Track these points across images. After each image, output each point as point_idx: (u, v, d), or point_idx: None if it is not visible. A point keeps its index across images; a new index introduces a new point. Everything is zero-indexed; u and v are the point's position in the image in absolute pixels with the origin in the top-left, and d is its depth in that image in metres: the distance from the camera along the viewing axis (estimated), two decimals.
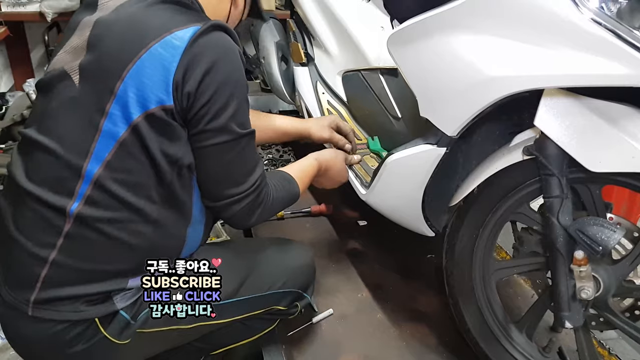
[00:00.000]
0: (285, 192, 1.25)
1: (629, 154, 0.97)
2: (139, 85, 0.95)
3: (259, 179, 1.12)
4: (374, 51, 1.88)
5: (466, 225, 1.29)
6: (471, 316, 1.34)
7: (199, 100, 0.98)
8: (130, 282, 1.05)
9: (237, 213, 1.12)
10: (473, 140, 1.33)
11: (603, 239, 1.02)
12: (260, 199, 1.14)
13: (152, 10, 1.01)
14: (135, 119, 0.96)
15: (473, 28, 1.06)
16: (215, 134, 1.03)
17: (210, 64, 0.97)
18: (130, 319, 1.05)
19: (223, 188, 1.09)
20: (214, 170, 1.08)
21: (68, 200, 0.97)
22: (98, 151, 0.97)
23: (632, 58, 0.88)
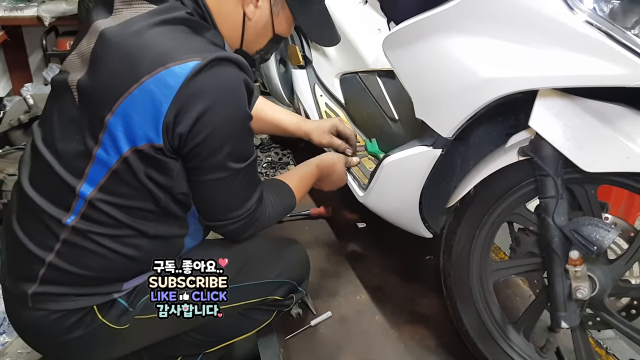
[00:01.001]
0: (281, 207, 1.27)
1: (624, 154, 0.97)
2: (128, 121, 0.94)
3: (256, 203, 1.13)
4: (371, 53, 1.89)
5: (463, 226, 1.29)
6: (469, 317, 1.34)
7: (192, 141, 0.96)
8: (125, 285, 1.08)
9: (231, 232, 1.15)
10: (470, 141, 1.33)
11: (598, 238, 1.02)
12: (255, 218, 1.15)
13: (155, 32, 0.96)
14: (124, 152, 0.96)
15: (467, 30, 1.06)
16: (211, 171, 1.02)
17: (205, 106, 0.94)
18: (128, 306, 1.08)
19: (218, 213, 1.12)
20: (210, 200, 1.09)
21: (65, 213, 1.00)
22: (92, 175, 0.98)
23: (625, 59, 0.89)
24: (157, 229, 1.07)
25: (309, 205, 2.18)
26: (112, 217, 1.01)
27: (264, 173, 2.40)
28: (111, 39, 0.97)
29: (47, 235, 1.01)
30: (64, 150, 0.99)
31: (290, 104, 2.33)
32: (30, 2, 3.27)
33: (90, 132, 0.97)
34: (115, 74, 0.95)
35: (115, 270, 1.06)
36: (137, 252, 1.06)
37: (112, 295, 1.08)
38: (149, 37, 0.95)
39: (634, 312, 1.20)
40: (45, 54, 3.41)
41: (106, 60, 0.96)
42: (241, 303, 1.23)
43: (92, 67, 0.98)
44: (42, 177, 1.03)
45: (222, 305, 1.15)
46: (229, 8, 1.08)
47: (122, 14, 1.01)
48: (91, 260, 1.03)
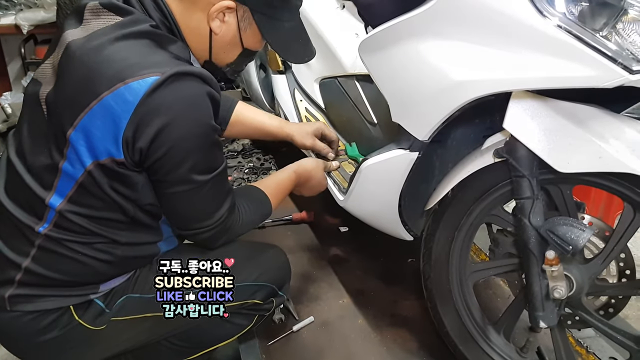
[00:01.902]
0: (256, 214, 1.27)
1: (596, 154, 0.98)
2: (89, 136, 0.94)
3: (227, 212, 1.13)
4: (349, 58, 1.89)
5: (442, 228, 1.30)
6: (449, 319, 1.34)
7: (153, 156, 0.96)
8: (102, 287, 1.09)
9: (203, 241, 1.15)
10: (447, 144, 1.34)
11: (573, 238, 1.03)
12: (227, 227, 1.15)
13: (117, 47, 0.95)
14: (88, 165, 0.97)
15: (440, 33, 1.07)
16: (176, 184, 1.02)
17: (164, 122, 0.93)
18: (105, 307, 1.09)
19: (189, 223, 1.11)
20: (179, 211, 1.09)
21: (38, 221, 1.02)
22: (60, 187, 1.00)
23: (594, 60, 0.90)
24: (128, 237, 1.07)
25: (291, 210, 2.18)
26: (83, 227, 1.02)
27: (246, 179, 2.39)
28: (75, 53, 0.96)
29: (22, 242, 1.03)
30: (33, 163, 1.01)
31: (271, 109, 2.33)
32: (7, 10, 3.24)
33: (56, 146, 0.98)
34: (76, 89, 0.95)
35: (90, 274, 1.07)
36: (111, 257, 1.07)
37: (88, 296, 1.08)
38: (111, 52, 0.94)
39: (611, 311, 1.22)
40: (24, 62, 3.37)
41: (69, 74, 0.96)
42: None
43: (58, 81, 0.98)
44: (16, 188, 1.04)
45: None
46: (195, 22, 1.07)
47: (90, 25, 1.00)
48: (66, 265, 1.04)
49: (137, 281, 1.14)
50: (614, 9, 0.93)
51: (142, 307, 1.13)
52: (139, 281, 1.14)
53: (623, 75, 0.88)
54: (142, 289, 1.13)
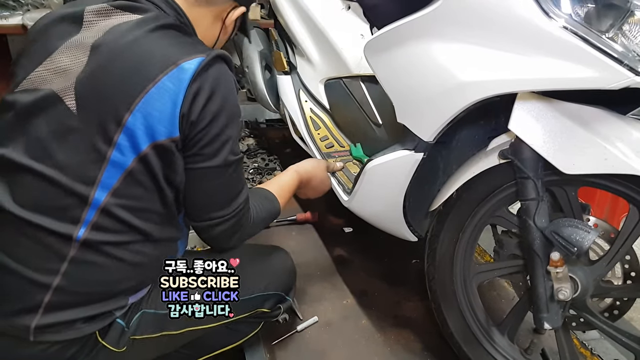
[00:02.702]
0: (266, 212, 1.27)
1: (602, 156, 0.98)
2: (147, 118, 0.96)
3: (242, 204, 1.14)
4: (354, 59, 1.90)
5: (446, 229, 1.30)
6: (453, 320, 1.35)
7: (198, 127, 1.00)
8: (130, 299, 1.08)
9: (217, 235, 1.14)
10: (452, 145, 1.34)
11: (578, 239, 1.03)
12: (241, 222, 1.15)
13: (154, 37, 1.00)
14: (143, 149, 0.97)
15: (445, 34, 1.07)
16: (208, 158, 1.05)
17: (209, 94, 1.00)
18: (125, 326, 1.08)
19: (207, 211, 1.11)
20: (201, 193, 1.09)
21: (74, 227, 0.96)
22: (105, 180, 0.97)
23: (601, 62, 0.90)
24: (160, 232, 1.07)
25: (295, 210, 2.18)
26: (123, 221, 1.00)
27: (251, 179, 2.40)
28: (111, 49, 0.98)
29: (50, 258, 0.96)
30: (67, 163, 0.96)
31: (276, 110, 2.33)
32: (15, 11, 3.25)
33: (102, 136, 0.96)
34: (126, 78, 0.97)
35: (121, 281, 1.04)
36: (143, 259, 1.05)
37: (114, 314, 1.05)
38: (150, 41, 1.00)
39: (616, 313, 1.21)
40: None
41: (113, 68, 0.97)
42: (230, 320, 1.22)
43: (93, 76, 0.97)
44: (38, 196, 0.97)
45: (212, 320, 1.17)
46: (207, 22, 1.15)
47: (100, 25, 1.02)
48: (99, 275, 1.00)
49: (150, 295, 1.12)
50: (620, 10, 0.92)
51: (157, 325, 1.12)
52: (152, 296, 1.12)
53: (629, 77, 0.88)
54: (156, 305, 1.12)
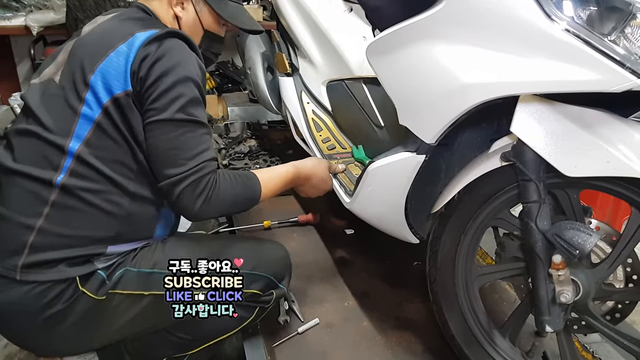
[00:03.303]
0: (241, 187, 1.26)
1: (604, 159, 0.98)
2: (106, 75, 1.12)
3: (202, 164, 1.16)
4: (357, 61, 1.90)
5: (448, 231, 1.30)
6: (455, 322, 1.34)
7: (146, 82, 1.12)
8: (110, 249, 1.16)
9: (179, 196, 1.15)
10: (454, 147, 1.34)
11: (579, 242, 1.03)
12: (203, 183, 1.16)
13: (123, 22, 1.22)
14: (105, 102, 1.12)
15: (447, 37, 1.07)
16: (157, 112, 1.13)
17: (160, 55, 1.13)
18: (105, 277, 1.14)
19: (164, 167, 1.15)
20: (156, 149, 1.15)
21: (54, 173, 1.11)
22: (78, 131, 1.12)
23: (603, 65, 0.90)
24: (135, 188, 1.17)
25: (296, 212, 2.18)
26: (97, 170, 1.12)
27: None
28: (86, 36, 1.23)
29: (34, 203, 1.10)
30: (49, 119, 1.13)
31: (278, 112, 2.34)
32: (18, 12, 3.26)
33: (74, 96, 1.13)
34: (94, 48, 1.17)
35: (99, 228, 1.14)
36: (119, 210, 1.15)
37: (95, 263, 1.13)
38: (119, 24, 1.22)
39: (618, 316, 1.21)
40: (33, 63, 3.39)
41: (85, 46, 1.20)
42: None
43: (71, 56, 1.19)
44: (27, 150, 1.14)
45: None
46: (163, 11, 1.32)
47: (86, 28, 1.27)
48: (78, 219, 1.11)
49: (135, 257, 1.19)
50: (622, 13, 0.92)
51: (140, 283, 1.17)
52: (137, 257, 1.19)
53: (631, 80, 0.88)
54: (140, 265, 1.18)
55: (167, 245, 1.24)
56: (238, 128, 3.01)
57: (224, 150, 2.75)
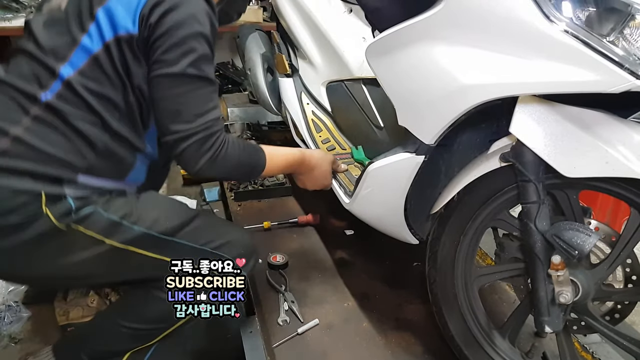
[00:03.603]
0: (246, 155, 1.26)
1: (603, 160, 0.98)
2: (114, 12, 1.10)
3: (211, 123, 1.16)
4: (356, 62, 1.90)
5: (447, 232, 1.30)
6: (454, 323, 1.34)
7: (157, 31, 1.09)
8: (80, 178, 1.13)
9: (184, 152, 1.16)
10: (454, 148, 1.34)
11: (579, 243, 1.03)
12: (211, 142, 1.16)
13: None
14: (108, 39, 1.10)
15: (446, 38, 1.07)
16: (167, 65, 1.11)
17: (174, 4, 1.09)
18: (73, 208, 1.10)
19: (172, 121, 1.15)
20: (163, 103, 1.14)
21: (40, 90, 1.09)
22: (74, 59, 1.10)
23: (602, 66, 0.90)
24: (118, 126, 1.16)
25: (296, 212, 2.18)
26: (85, 100, 1.10)
27: (252, 181, 2.40)
28: None
29: (15, 111, 1.08)
30: (47, 41, 1.12)
31: (278, 113, 2.34)
32: (18, 13, 3.26)
33: (78, 22, 1.11)
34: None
35: (73, 153, 1.11)
36: (98, 141, 1.13)
37: (63, 188, 1.09)
38: None
39: (617, 317, 1.21)
40: None
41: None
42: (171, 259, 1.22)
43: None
44: (20, 66, 1.13)
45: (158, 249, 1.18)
46: None
47: None
48: (57, 139, 1.09)
49: (108, 202, 1.15)
50: (621, 14, 0.93)
51: (104, 228, 1.13)
52: (110, 203, 1.16)
53: (630, 81, 0.88)
54: (110, 210, 1.15)
55: (140, 201, 1.22)
56: (238, 129, 3.01)
57: None
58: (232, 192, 2.34)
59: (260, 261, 1.83)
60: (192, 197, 2.70)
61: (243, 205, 2.30)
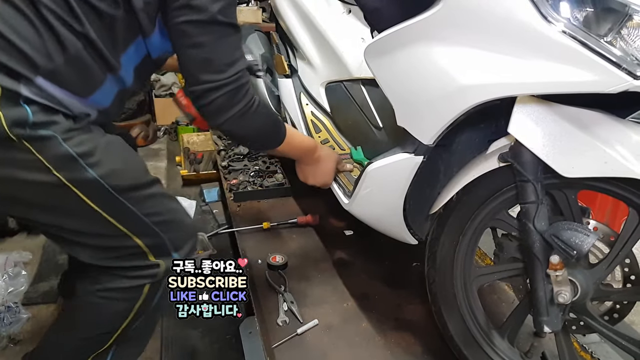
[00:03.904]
0: (271, 121, 1.25)
1: (601, 159, 0.98)
2: None
3: (242, 73, 1.14)
4: (355, 62, 1.90)
5: (446, 232, 1.30)
6: (454, 323, 1.35)
7: None
8: (39, 80, 1.03)
9: (212, 103, 1.14)
10: (452, 148, 1.34)
11: (577, 243, 1.03)
12: (241, 94, 1.15)
13: None
14: None
15: (445, 38, 1.08)
16: (195, 12, 1.06)
17: None
18: (29, 121, 1.01)
19: (202, 71, 1.12)
20: (192, 52, 1.10)
21: None
22: None
23: (599, 66, 0.91)
24: (97, 37, 1.06)
25: (296, 213, 2.18)
26: (67, 1, 1.01)
27: (251, 181, 2.41)
28: None
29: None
30: None
31: (277, 113, 2.34)
32: None
33: None
34: None
35: (42, 51, 1.01)
36: (69, 45, 1.04)
37: (19, 84, 1.00)
38: None
39: (616, 316, 1.21)
40: None
41: None
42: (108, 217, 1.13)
43: None
44: None
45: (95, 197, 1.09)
46: None
47: None
48: (27, 31, 0.99)
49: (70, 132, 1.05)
50: (618, 14, 0.93)
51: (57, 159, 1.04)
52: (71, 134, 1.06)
53: (627, 81, 0.89)
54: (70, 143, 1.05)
55: (106, 145, 1.12)
56: None
57: (224, 152, 2.76)
58: (231, 193, 2.35)
59: (260, 262, 1.83)
60: (192, 198, 2.70)
61: (242, 206, 2.30)
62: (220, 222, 2.44)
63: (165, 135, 3.73)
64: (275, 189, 2.37)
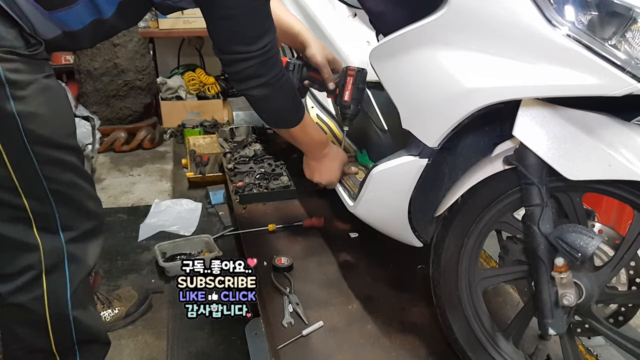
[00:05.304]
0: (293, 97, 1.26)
1: (606, 162, 0.99)
2: None
3: (271, 45, 1.14)
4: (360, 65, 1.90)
5: (451, 235, 1.30)
6: (458, 325, 1.35)
7: None
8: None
9: (244, 70, 1.15)
10: (457, 151, 1.35)
11: (582, 245, 1.04)
12: (268, 65, 1.16)
13: None
14: None
15: (450, 42, 1.08)
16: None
17: None
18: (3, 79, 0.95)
19: (233, 42, 1.12)
20: (221, 22, 1.11)
21: None
22: None
23: (604, 69, 0.91)
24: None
25: (301, 215, 2.19)
26: None
27: (257, 184, 2.41)
28: None
29: None
30: None
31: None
32: None
33: None
34: None
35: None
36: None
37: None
38: None
39: (621, 319, 1.21)
40: None
41: None
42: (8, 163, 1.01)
43: None
44: None
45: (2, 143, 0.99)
46: None
47: None
48: None
49: (10, 54, 0.96)
50: (623, 18, 0.93)
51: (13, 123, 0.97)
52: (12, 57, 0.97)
53: (632, 84, 0.89)
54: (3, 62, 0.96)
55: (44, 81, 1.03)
56: (243, 132, 3.03)
57: (229, 154, 2.76)
58: (237, 195, 2.35)
59: (265, 264, 1.84)
60: (198, 200, 2.71)
61: (248, 208, 2.31)
62: (226, 225, 2.45)
63: (172, 138, 3.75)
64: (280, 191, 2.38)
